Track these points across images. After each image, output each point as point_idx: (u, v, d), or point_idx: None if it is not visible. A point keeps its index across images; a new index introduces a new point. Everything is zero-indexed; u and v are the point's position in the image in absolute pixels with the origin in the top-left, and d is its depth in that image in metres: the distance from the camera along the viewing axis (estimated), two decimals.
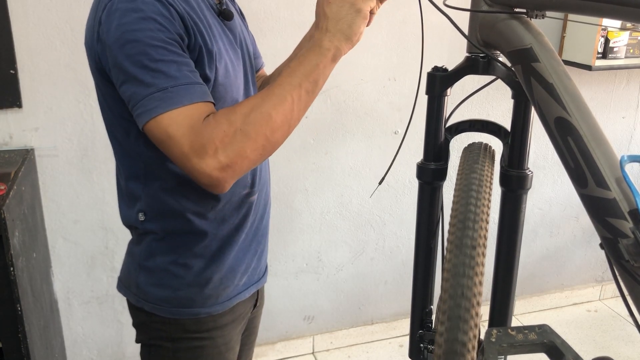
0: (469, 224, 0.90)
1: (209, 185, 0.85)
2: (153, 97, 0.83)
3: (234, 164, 0.83)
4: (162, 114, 0.82)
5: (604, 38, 2.21)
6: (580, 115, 0.78)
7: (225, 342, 1.10)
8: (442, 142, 1.10)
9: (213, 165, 0.82)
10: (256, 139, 0.84)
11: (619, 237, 0.70)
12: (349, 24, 0.91)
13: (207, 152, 0.82)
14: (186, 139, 0.82)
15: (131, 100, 0.86)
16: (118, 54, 0.85)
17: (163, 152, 0.87)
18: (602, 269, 2.79)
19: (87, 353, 2.07)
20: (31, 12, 1.68)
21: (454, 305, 0.78)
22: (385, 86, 2.14)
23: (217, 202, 1.02)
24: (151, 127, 0.84)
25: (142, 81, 0.83)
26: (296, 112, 0.88)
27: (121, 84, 0.87)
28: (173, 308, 1.04)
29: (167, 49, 0.85)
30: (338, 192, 2.23)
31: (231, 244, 1.06)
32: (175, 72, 0.84)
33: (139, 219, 1.02)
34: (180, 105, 0.83)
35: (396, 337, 2.49)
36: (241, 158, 0.84)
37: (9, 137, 1.76)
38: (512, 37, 0.90)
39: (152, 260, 1.04)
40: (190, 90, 0.84)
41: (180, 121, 0.82)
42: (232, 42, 1.03)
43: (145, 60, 0.83)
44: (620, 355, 2.40)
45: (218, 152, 0.82)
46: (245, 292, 1.13)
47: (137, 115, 0.85)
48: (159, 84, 0.83)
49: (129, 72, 0.84)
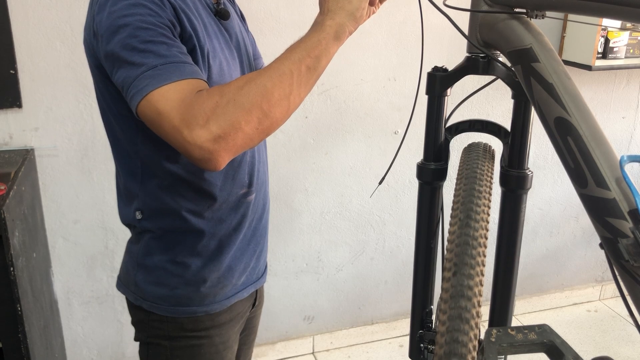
0: (469, 224, 0.90)
1: (202, 159, 0.81)
2: (144, 77, 0.82)
3: (227, 135, 0.79)
4: (152, 91, 0.81)
5: (604, 38, 2.21)
6: (580, 115, 0.78)
7: (223, 341, 1.10)
8: (442, 142, 1.10)
9: (205, 136, 0.79)
10: (250, 110, 0.81)
11: (619, 237, 0.70)
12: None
13: (197, 123, 0.78)
14: (176, 112, 0.79)
15: (124, 85, 0.85)
16: (109, 41, 0.85)
17: (157, 134, 0.85)
18: (602, 269, 2.79)
19: (87, 353, 2.07)
20: (31, 12, 1.68)
21: (455, 305, 0.78)
22: (385, 86, 2.14)
23: (213, 201, 1.02)
24: (143, 108, 0.82)
25: (132, 63, 0.83)
26: (296, 88, 0.85)
27: (114, 71, 0.86)
28: (170, 306, 1.04)
29: (157, 31, 0.84)
30: (338, 192, 2.23)
31: (229, 243, 1.06)
32: (165, 52, 0.83)
33: (136, 217, 1.02)
34: (170, 81, 0.81)
35: (396, 337, 2.49)
36: (234, 129, 0.80)
37: (9, 137, 1.76)
38: (512, 37, 0.90)
39: (150, 259, 1.04)
40: (180, 68, 0.83)
41: (170, 96, 0.80)
42: (228, 42, 1.03)
43: (135, 42, 0.83)
44: (620, 355, 2.40)
45: (209, 123, 0.79)
46: (243, 291, 1.13)
47: (130, 99, 0.84)
48: (149, 63, 0.82)
49: (120, 57, 0.84)
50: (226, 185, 1.03)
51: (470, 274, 0.82)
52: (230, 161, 0.99)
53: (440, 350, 0.76)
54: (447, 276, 0.84)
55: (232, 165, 1.02)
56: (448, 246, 0.91)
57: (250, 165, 1.06)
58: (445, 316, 0.78)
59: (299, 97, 0.87)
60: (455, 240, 0.89)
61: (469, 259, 0.84)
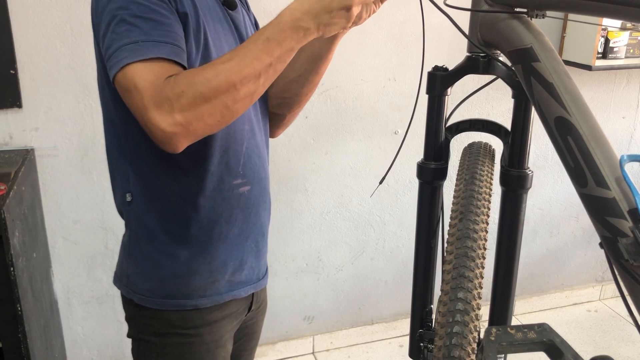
0: (469, 224, 0.90)
1: (162, 140, 0.85)
2: (125, 49, 0.85)
3: (189, 124, 0.83)
4: (129, 65, 0.84)
5: (604, 38, 2.21)
6: (580, 114, 0.78)
7: (215, 339, 1.09)
8: (442, 141, 1.11)
9: (167, 121, 0.82)
10: (215, 105, 0.84)
11: (619, 237, 0.70)
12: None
13: (164, 108, 0.82)
14: (146, 92, 0.83)
15: (106, 54, 0.88)
16: (103, 13, 0.88)
17: (127, 105, 0.88)
18: (602, 269, 2.79)
19: (87, 353, 2.07)
20: (31, 12, 1.68)
21: (454, 305, 0.78)
22: (385, 86, 2.14)
23: (204, 187, 1.01)
24: (119, 79, 0.85)
25: (118, 34, 0.86)
26: (261, 87, 0.88)
27: (101, 40, 0.89)
28: (159, 299, 1.04)
29: (150, 7, 0.87)
30: (338, 192, 2.23)
31: (220, 235, 1.05)
32: (150, 30, 0.86)
33: (126, 199, 1.03)
34: (145, 57, 0.84)
35: (396, 337, 2.49)
36: (197, 120, 0.83)
37: (9, 137, 1.76)
38: (512, 36, 0.90)
39: (139, 249, 1.04)
40: (160, 47, 0.86)
41: (144, 74, 0.83)
42: (233, 31, 1.04)
43: (125, 14, 0.86)
44: (620, 355, 2.40)
45: (174, 110, 0.82)
46: (240, 290, 1.11)
47: (110, 68, 0.87)
48: (132, 36, 0.85)
49: (108, 27, 0.87)
50: (218, 171, 1.02)
51: (469, 275, 0.82)
52: (222, 148, 1.01)
53: (440, 350, 0.76)
54: (446, 278, 0.84)
55: (226, 152, 1.02)
56: (448, 246, 0.91)
57: (246, 155, 1.06)
58: (445, 316, 0.78)
59: (263, 90, 0.89)
60: (455, 241, 0.89)
61: (469, 260, 0.85)
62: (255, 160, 1.08)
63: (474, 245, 0.87)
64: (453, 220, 0.94)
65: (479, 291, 0.81)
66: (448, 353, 0.74)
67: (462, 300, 0.78)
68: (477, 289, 0.81)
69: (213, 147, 1.00)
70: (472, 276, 0.82)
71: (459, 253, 0.86)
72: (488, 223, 0.95)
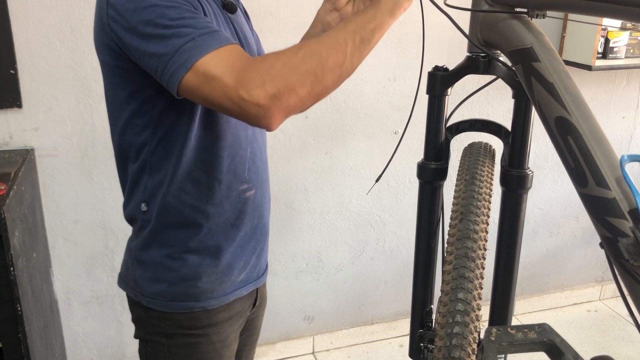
0: (469, 224, 0.90)
1: (257, 116, 0.82)
2: (183, 50, 0.82)
3: (282, 95, 0.82)
4: (198, 61, 0.82)
5: (604, 38, 2.21)
6: (581, 114, 0.78)
7: (221, 339, 1.10)
8: (442, 141, 1.11)
9: (262, 94, 0.81)
10: (305, 74, 0.83)
11: (619, 237, 0.70)
12: None
13: (255, 84, 0.81)
14: (229, 75, 0.81)
15: (159, 66, 0.85)
16: (137, 24, 0.85)
17: (204, 101, 0.85)
18: (602, 269, 2.79)
19: (87, 353, 2.07)
20: (31, 12, 1.68)
21: (454, 305, 0.78)
22: (385, 86, 2.14)
23: (214, 196, 1.02)
24: (189, 79, 0.83)
25: (168, 39, 0.83)
26: (349, 58, 0.88)
27: (143, 53, 0.86)
28: (168, 302, 1.05)
29: (183, 8, 0.86)
30: (338, 192, 2.23)
31: (227, 240, 1.07)
32: (198, 24, 0.84)
33: (142, 209, 1.03)
34: (211, 49, 0.82)
35: (396, 337, 2.49)
36: (289, 91, 0.82)
37: (9, 137, 1.76)
38: (512, 36, 0.90)
39: (148, 254, 1.04)
40: (216, 37, 0.84)
41: (218, 62, 0.82)
42: (234, 35, 1.05)
43: (165, 21, 0.84)
44: (620, 355, 2.40)
45: (266, 83, 0.81)
46: (242, 289, 1.13)
47: (170, 76, 0.84)
48: (185, 37, 0.83)
49: (152, 34, 0.84)
50: (226, 179, 1.03)
51: (470, 276, 0.82)
52: (229, 156, 1.02)
53: (440, 350, 0.76)
54: (446, 278, 0.84)
55: (233, 159, 1.03)
56: (448, 246, 0.91)
57: (250, 160, 1.07)
58: (445, 317, 0.78)
59: (352, 66, 0.89)
60: (455, 241, 0.89)
61: (469, 260, 0.85)
62: (258, 164, 1.10)
63: (474, 246, 0.87)
64: (453, 221, 0.94)
65: (479, 291, 0.81)
66: (448, 353, 0.74)
67: (462, 301, 0.78)
68: (477, 290, 0.81)
69: (222, 156, 1.01)
70: (472, 276, 0.82)
71: (459, 253, 0.86)
72: (488, 223, 0.95)
